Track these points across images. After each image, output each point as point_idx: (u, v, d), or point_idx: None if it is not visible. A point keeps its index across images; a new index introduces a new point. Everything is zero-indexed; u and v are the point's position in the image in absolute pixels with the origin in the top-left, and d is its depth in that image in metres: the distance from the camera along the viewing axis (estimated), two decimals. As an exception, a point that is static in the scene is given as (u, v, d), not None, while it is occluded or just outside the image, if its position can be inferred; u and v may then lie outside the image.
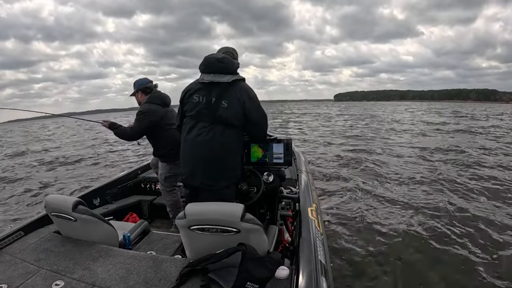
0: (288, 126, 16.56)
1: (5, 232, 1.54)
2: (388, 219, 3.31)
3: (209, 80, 1.48)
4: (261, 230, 1.15)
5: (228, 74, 1.49)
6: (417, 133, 11.43)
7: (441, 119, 18.68)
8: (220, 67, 1.49)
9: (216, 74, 1.48)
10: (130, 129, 2.25)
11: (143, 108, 2.25)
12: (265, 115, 1.63)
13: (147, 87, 2.35)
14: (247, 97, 1.51)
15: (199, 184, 1.52)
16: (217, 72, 1.48)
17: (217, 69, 1.48)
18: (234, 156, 1.56)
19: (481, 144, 8.12)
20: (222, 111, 1.47)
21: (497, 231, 2.88)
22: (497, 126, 13.64)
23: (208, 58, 1.52)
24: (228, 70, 1.50)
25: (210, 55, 1.54)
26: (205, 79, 1.49)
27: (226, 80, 1.47)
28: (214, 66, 1.49)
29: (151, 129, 2.25)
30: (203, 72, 1.52)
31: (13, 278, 1.18)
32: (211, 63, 1.50)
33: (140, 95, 2.37)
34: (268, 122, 1.72)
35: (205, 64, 1.51)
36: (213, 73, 1.48)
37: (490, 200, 3.81)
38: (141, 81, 2.37)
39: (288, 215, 1.92)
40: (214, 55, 1.54)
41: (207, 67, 1.50)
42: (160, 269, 1.18)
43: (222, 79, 1.47)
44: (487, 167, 5.50)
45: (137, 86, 2.36)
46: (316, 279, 1.03)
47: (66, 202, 1.44)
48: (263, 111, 1.61)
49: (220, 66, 1.49)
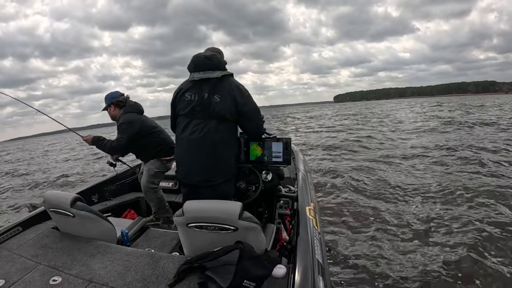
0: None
1: (3, 228, 1.54)
2: (389, 219, 3.32)
3: (199, 77, 1.52)
4: (259, 229, 1.16)
5: (217, 70, 1.53)
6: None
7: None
8: (209, 64, 1.53)
9: (206, 71, 1.52)
10: (116, 141, 2.20)
11: (124, 118, 2.23)
12: (257, 108, 1.65)
13: (119, 101, 2.32)
14: (238, 90, 1.55)
15: (197, 182, 1.54)
16: (206, 69, 1.52)
17: (206, 66, 1.52)
18: (229, 151, 1.59)
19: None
20: (215, 106, 1.50)
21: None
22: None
23: (196, 56, 1.56)
24: (217, 67, 1.54)
25: (198, 54, 1.58)
26: (196, 77, 1.52)
27: (216, 76, 1.52)
28: (203, 63, 1.53)
29: (135, 137, 2.25)
30: (192, 71, 1.55)
31: (11, 273, 1.18)
32: (199, 61, 1.54)
33: (113, 108, 2.32)
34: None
35: (194, 63, 1.55)
36: (202, 70, 1.52)
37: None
38: (113, 95, 2.34)
39: (286, 214, 1.92)
40: (202, 54, 1.59)
41: (197, 66, 1.54)
42: (157, 266, 1.18)
43: (212, 75, 1.51)
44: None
45: (110, 100, 2.32)
46: (313, 278, 1.03)
47: (64, 198, 1.45)
48: (255, 104, 1.64)
49: (209, 63, 1.53)
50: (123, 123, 2.21)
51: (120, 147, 2.21)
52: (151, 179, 2.35)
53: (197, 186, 1.55)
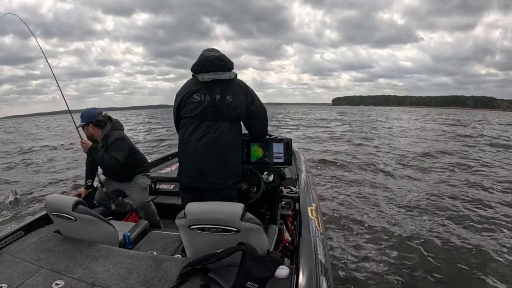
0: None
1: (5, 232, 1.54)
2: (389, 218, 3.31)
3: (210, 78, 1.47)
4: (261, 230, 1.15)
5: (227, 71, 1.51)
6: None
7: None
8: (221, 64, 1.49)
9: (217, 72, 1.48)
10: (115, 158, 2.00)
11: (118, 134, 2.11)
12: (264, 108, 1.65)
13: (100, 120, 2.11)
14: (247, 91, 1.55)
15: (209, 184, 1.49)
16: (217, 70, 1.48)
17: (218, 67, 1.49)
18: (237, 153, 1.58)
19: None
20: (228, 107, 1.48)
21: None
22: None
23: (207, 57, 1.51)
24: (228, 67, 1.52)
25: (209, 54, 1.53)
26: (206, 78, 1.47)
27: (228, 77, 1.49)
28: (215, 64, 1.49)
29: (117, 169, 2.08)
30: (200, 72, 1.50)
31: (13, 277, 1.18)
32: (210, 61, 1.49)
33: (92, 128, 2.10)
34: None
35: (203, 64, 1.50)
36: (213, 71, 1.48)
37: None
38: (92, 113, 2.11)
39: (288, 215, 1.92)
40: (212, 54, 1.53)
41: (207, 66, 1.49)
42: (160, 268, 1.18)
43: (223, 76, 1.48)
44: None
45: (88, 119, 2.09)
46: (316, 279, 1.03)
47: (66, 201, 1.44)
48: (262, 104, 1.64)
49: (221, 64, 1.49)
50: (118, 139, 2.08)
51: (119, 164, 2.02)
52: (145, 195, 2.27)
53: (204, 189, 1.51)
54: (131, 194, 2.27)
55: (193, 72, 1.55)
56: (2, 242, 1.46)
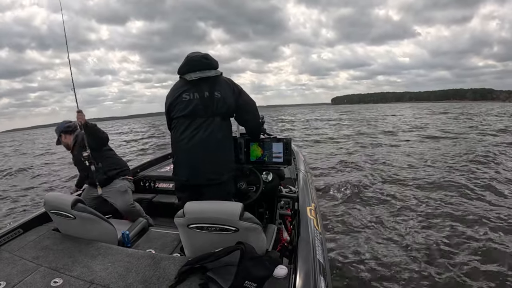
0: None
1: (4, 230, 1.54)
2: (389, 218, 3.31)
3: (198, 77, 1.52)
4: (260, 229, 1.15)
5: (213, 69, 1.56)
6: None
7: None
8: (206, 63, 1.54)
9: (203, 70, 1.53)
10: (103, 131, 2.22)
11: (90, 124, 2.16)
12: (252, 100, 1.69)
13: (67, 127, 2.31)
14: (234, 85, 1.60)
15: (205, 180, 1.53)
16: (203, 69, 1.53)
17: (204, 65, 1.54)
18: (230, 147, 1.63)
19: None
20: (217, 102, 1.52)
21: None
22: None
23: (192, 57, 1.56)
24: (213, 66, 1.56)
25: (193, 54, 1.58)
26: (193, 77, 1.53)
27: (214, 74, 1.55)
28: (200, 63, 1.54)
29: (103, 147, 2.29)
30: (187, 72, 1.55)
31: (12, 275, 1.18)
32: (196, 61, 1.54)
33: (65, 137, 2.32)
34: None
35: (189, 64, 1.55)
36: (199, 70, 1.53)
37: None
38: (60, 126, 2.33)
39: (287, 214, 1.92)
40: (197, 54, 1.58)
41: (193, 66, 1.54)
42: (158, 267, 1.18)
43: (210, 74, 1.54)
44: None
45: (59, 130, 2.32)
46: (315, 278, 1.03)
47: (65, 200, 1.45)
48: (249, 96, 1.68)
49: (206, 62, 1.54)
50: (93, 124, 2.14)
51: (107, 137, 2.26)
52: (130, 200, 2.22)
53: (201, 186, 1.54)
54: (112, 200, 2.22)
55: (180, 74, 1.60)
56: (0, 239, 1.47)
